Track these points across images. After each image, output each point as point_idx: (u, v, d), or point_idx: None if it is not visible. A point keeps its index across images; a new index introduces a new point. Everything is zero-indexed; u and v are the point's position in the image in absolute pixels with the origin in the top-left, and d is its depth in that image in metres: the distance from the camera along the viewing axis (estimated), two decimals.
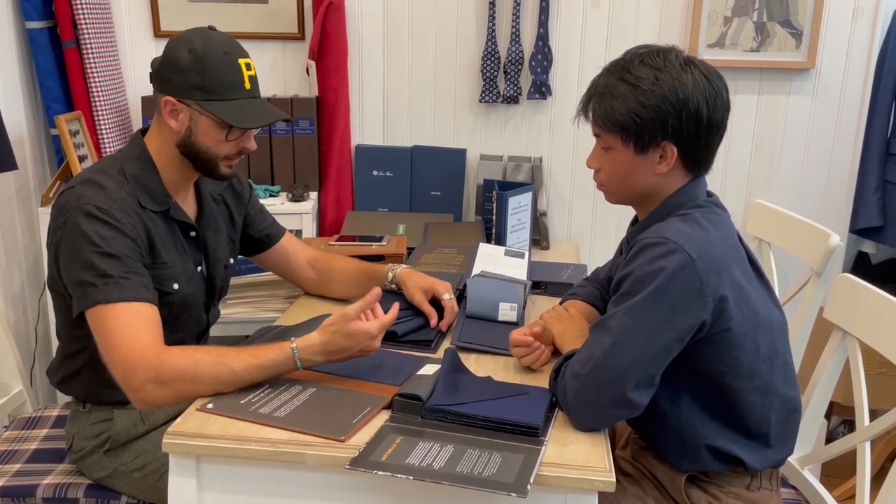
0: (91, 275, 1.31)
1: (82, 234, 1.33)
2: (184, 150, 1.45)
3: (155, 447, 1.46)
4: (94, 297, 1.31)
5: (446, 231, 2.29)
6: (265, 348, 1.32)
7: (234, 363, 1.29)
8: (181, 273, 1.49)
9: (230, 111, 1.41)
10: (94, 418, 1.51)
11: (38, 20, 2.26)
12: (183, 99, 1.41)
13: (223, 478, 1.21)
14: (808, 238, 1.73)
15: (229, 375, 1.28)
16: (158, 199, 1.46)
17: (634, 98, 1.22)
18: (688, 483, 1.31)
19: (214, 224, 1.62)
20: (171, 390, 1.28)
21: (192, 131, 1.42)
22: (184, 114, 1.42)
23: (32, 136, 2.37)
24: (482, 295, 1.64)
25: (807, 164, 2.48)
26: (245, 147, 1.48)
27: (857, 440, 1.40)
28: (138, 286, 1.34)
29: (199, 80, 1.39)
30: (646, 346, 1.18)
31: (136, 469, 1.48)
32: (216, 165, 1.47)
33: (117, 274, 1.32)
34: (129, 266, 1.34)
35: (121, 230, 1.35)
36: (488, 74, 2.42)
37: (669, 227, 1.21)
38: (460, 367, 1.39)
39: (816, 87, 2.42)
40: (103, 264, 1.32)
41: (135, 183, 1.43)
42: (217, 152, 1.45)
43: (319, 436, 1.18)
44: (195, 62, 1.39)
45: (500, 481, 1.07)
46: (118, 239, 1.34)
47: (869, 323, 1.41)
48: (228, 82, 1.41)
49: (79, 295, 1.33)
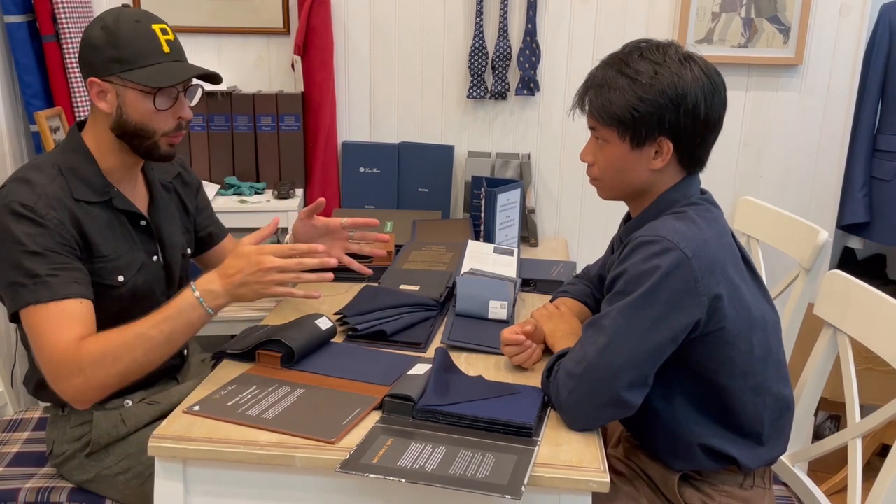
0: (20, 275, 1.29)
1: (8, 233, 1.30)
2: (119, 132, 1.41)
3: (138, 450, 1.44)
4: (24, 297, 1.29)
5: (434, 228, 2.27)
6: (169, 310, 1.32)
7: (142, 326, 1.29)
8: (127, 264, 1.45)
9: (149, 75, 1.37)
10: (74, 421, 1.48)
11: (16, 14, 2.21)
12: (105, 77, 1.38)
13: (211, 481, 1.19)
14: (797, 234, 1.73)
15: (140, 339, 1.28)
16: (97, 190, 1.42)
17: (633, 92, 1.21)
18: (681, 482, 1.31)
19: (167, 212, 1.58)
20: (97, 378, 1.27)
21: (122, 110, 1.39)
22: (111, 93, 1.38)
23: (11, 132, 2.32)
24: (472, 293, 1.63)
25: (794, 160, 2.49)
26: (182, 117, 1.44)
27: (849, 437, 1.40)
28: (68, 282, 1.31)
29: (114, 53, 1.36)
30: (640, 345, 1.17)
31: (119, 473, 1.45)
32: (155, 143, 1.43)
33: (44, 272, 1.29)
34: (56, 262, 1.31)
35: (45, 226, 1.31)
36: (476, 70, 2.40)
37: (664, 225, 1.20)
38: (451, 367, 1.38)
39: (804, 83, 2.42)
40: (30, 263, 1.29)
41: (71, 175, 1.39)
42: (152, 127, 1.40)
43: (309, 438, 1.16)
44: (108, 36, 1.36)
45: (493, 483, 1.05)
46: (43, 235, 1.31)
47: (859, 319, 1.41)
48: (145, 49, 1.38)
49: (9, 297, 1.31)
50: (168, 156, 1.47)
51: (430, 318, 1.64)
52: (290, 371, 1.37)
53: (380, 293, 1.70)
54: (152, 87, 1.37)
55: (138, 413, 1.49)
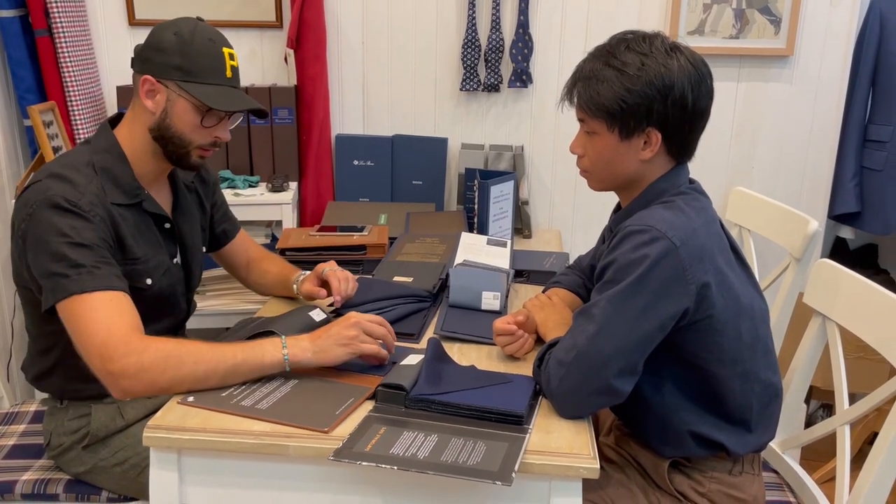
0: (63, 266, 1.28)
1: (51, 225, 1.30)
2: (157, 134, 1.42)
3: (135, 442, 1.45)
4: (67, 287, 1.27)
5: (428, 220, 2.28)
6: (251, 345, 1.29)
7: (217, 359, 1.26)
8: (154, 267, 1.46)
9: (209, 94, 1.39)
10: (72, 414, 1.48)
11: (8, 8, 2.21)
12: (162, 79, 1.39)
13: (205, 471, 1.20)
14: (788, 224, 1.74)
15: (209, 370, 1.25)
16: (129, 192, 1.43)
17: (620, 83, 1.21)
18: (671, 469, 1.32)
19: (189, 213, 1.59)
20: (151, 379, 1.24)
21: (168, 113, 1.40)
22: (161, 94, 1.40)
23: (5, 126, 2.32)
24: (465, 284, 1.64)
25: (786, 151, 2.50)
26: (219, 137, 1.46)
27: (837, 423, 1.41)
28: (111, 275, 1.31)
29: (180, 62, 1.38)
30: (629, 333, 1.18)
31: (115, 464, 1.46)
32: (188, 153, 1.44)
33: (89, 263, 1.28)
34: (100, 255, 1.31)
35: (90, 220, 1.32)
36: (469, 62, 2.41)
37: (652, 215, 1.21)
38: (444, 357, 1.39)
39: (795, 73, 2.43)
40: (74, 254, 1.28)
41: (104, 176, 1.40)
42: (191, 139, 1.43)
43: (302, 427, 1.17)
44: (179, 44, 1.38)
45: (484, 470, 1.07)
46: (88, 228, 1.31)
47: (848, 308, 1.42)
48: (210, 67, 1.40)
49: (51, 287, 1.29)
50: (196, 166, 1.48)
51: (423, 309, 1.65)
52: None
53: (374, 284, 1.71)
54: (205, 105, 1.39)
55: (136, 406, 1.49)
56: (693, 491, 1.31)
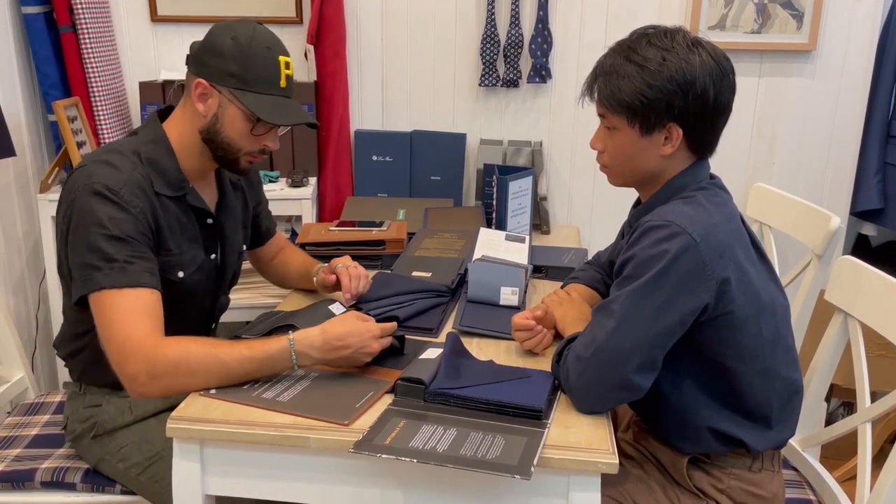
0: (96, 258, 1.29)
1: (91, 213, 1.30)
2: (206, 137, 1.42)
3: (140, 440, 1.45)
4: (97, 281, 1.28)
5: (446, 216, 2.28)
6: (260, 341, 1.31)
7: (227, 356, 1.27)
8: (188, 261, 1.46)
9: (261, 105, 1.39)
10: (88, 401, 1.50)
11: (34, 5, 2.24)
12: (216, 84, 1.39)
13: (227, 462, 1.21)
14: (809, 221, 1.73)
15: (221, 368, 1.27)
16: (174, 184, 1.43)
17: (641, 78, 1.21)
18: (690, 465, 1.32)
19: (233, 212, 1.59)
20: (164, 383, 1.26)
21: (219, 119, 1.40)
22: (213, 99, 1.40)
23: (30, 122, 2.36)
24: (483, 279, 1.64)
25: (807, 147, 2.48)
26: (267, 145, 1.46)
27: (858, 421, 1.40)
28: (142, 271, 1.31)
29: (236, 69, 1.37)
30: (648, 329, 1.18)
31: (119, 460, 1.47)
32: (236, 160, 1.45)
33: (122, 258, 1.29)
34: (135, 250, 1.32)
35: (129, 212, 1.32)
36: (488, 58, 2.41)
37: (672, 210, 1.21)
38: (462, 352, 1.40)
39: (817, 68, 2.41)
40: (109, 247, 1.29)
41: (150, 166, 1.40)
42: (240, 146, 1.43)
43: (323, 420, 1.19)
44: (237, 50, 1.37)
45: (503, 464, 1.07)
46: (125, 221, 1.31)
47: (870, 305, 1.41)
48: (265, 77, 1.39)
49: (82, 278, 1.30)
50: (245, 171, 1.49)
51: (441, 304, 1.66)
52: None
53: (392, 280, 1.72)
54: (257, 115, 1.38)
55: (146, 403, 1.49)
56: (712, 487, 1.30)
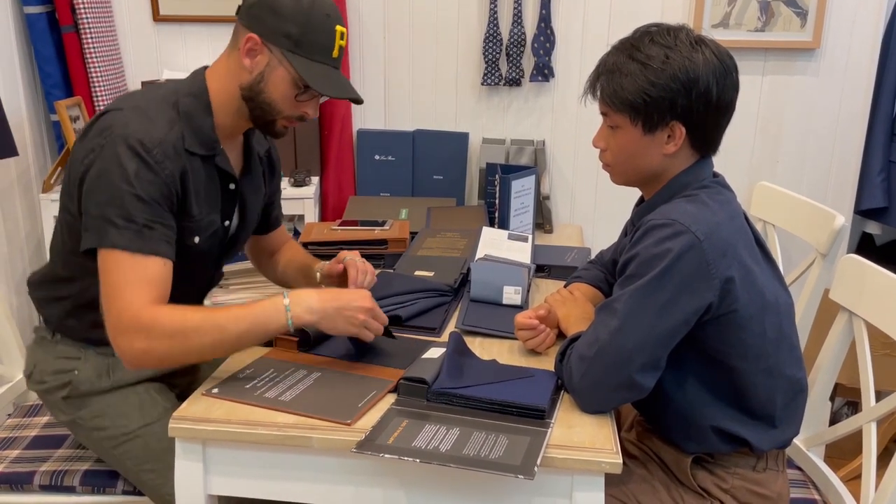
0: (115, 213, 1.24)
1: (119, 166, 1.25)
2: (247, 94, 1.37)
3: (117, 412, 1.41)
4: (111, 238, 1.24)
5: (449, 215, 2.28)
6: (255, 312, 1.28)
7: (220, 315, 1.25)
8: (206, 226, 1.40)
9: (312, 72, 1.34)
10: (61, 352, 1.44)
11: (36, 5, 2.24)
12: (269, 42, 1.33)
13: (229, 462, 1.21)
14: (813, 219, 1.72)
15: (214, 328, 1.24)
16: (206, 144, 1.37)
17: (644, 76, 1.20)
18: (694, 464, 1.31)
19: (256, 182, 1.54)
20: (160, 349, 1.23)
21: (264, 78, 1.35)
22: (262, 57, 1.34)
23: (32, 122, 2.36)
24: (486, 278, 1.64)
25: (811, 145, 2.47)
26: (307, 113, 1.40)
27: (863, 421, 1.40)
28: (160, 239, 1.27)
29: (293, 30, 1.32)
30: (651, 328, 1.17)
31: (94, 428, 1.41)
32: (274, 122, 1.39)
33: (142, 220, 1.25)
34: (157, 214, 1.27)
35: (158, 174, 1.27)
36: (490, 57, 2.40)
37: (675, 209, 1.20)
38: (465, 351, 1.39)
39: (821, 66, 2.40)
40: (131, 206, 1.24)
41: (186, 121, 1.34)
42: (280, 108, 1.37)
43: (326, 419, 1.18)
44: (297, 12, 1.32)
45: (506, 463, 1.07)
46: (153, 182, 1.26)
47: (875, 303, 1.40)
48: (321, 44, 1.34)
49: (96, 229, 1.25)
50: (279, 134, 1.43)
51: (444, 303, 1.66)
52: (307, 355, 1.39)
53: (395, 279, 1.72)
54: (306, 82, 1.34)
55: (123, 369, 1.42)
56: (716, 487, 1.30)
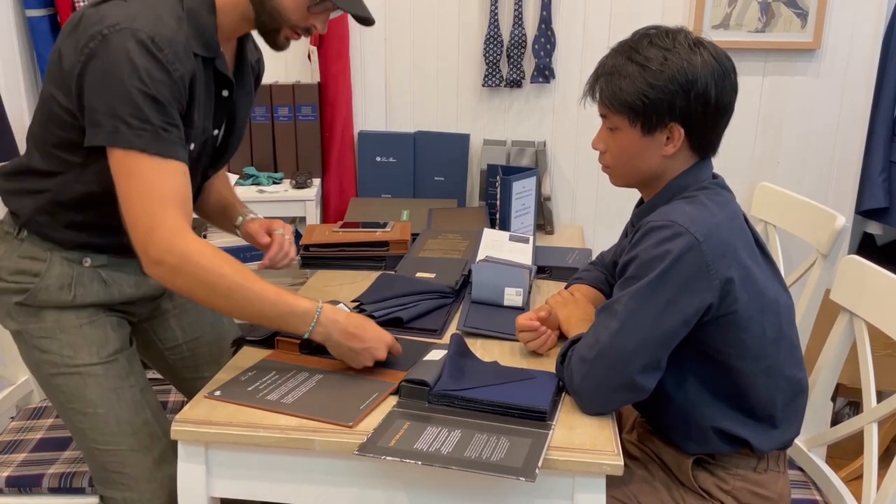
0: (128, 112, 1.17)
1: (129, 61, 1.17)
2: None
3: (66, 340, 1.35)
4: (127, 138, 1.17)
5: (450, 216, 2.29)
6: (291, 295, 1.27)
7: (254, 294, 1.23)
8: (201, 132, 1.35)
9: None
10: (26, 251, 1.36)
11: (38, 8, 2.25)
12: None
13: (231, 464, 1.21)
14: (814, 220, 1.72)
15: (244, 301, 1.23)
16: (209, 46, 1.30)
17: (643, 78, 1.21)
18: (694, 465, 1.32)
19: (246, 89, 1.48)
20: (181, 283, 1.21)
21: None
22: None
23: None
24: (487, 280, 1.64)
25: (812, 146, 2.47)
26: (315, 26, 1.35)
27: (865, 421, 1.40)
28: (176, 143, 1.22)
29: None
30: (652, 329, 1.18)
31: (37, 348, 1.36)
32: (278, 31, 1.34)
33: (158, 122, 1.19)
34: (170, 117, 1.21)
35: (171, 74, 1.20)
36: (491, 58, 2.40)
37: (675, 210, 1.21)
38: (467, 353, 1.40)
39: (822, 67, 2.40)
40: (146, 106, 1.18)
41: (190, 19, 1.27)
42: (289, 17, 1.32)
43: (327, 422, 1.19)
44: None
45: (508, 466, 1.07)
46: (165, 83, 1.20)
47: (876, 304, 1.41)
48: None
49: (111, 128, 1.18)
50: (280, 46, 1.37)
51: (445, 305, 1.66)
52: (309, 357, 1.40)
53: (396, 281, 1.72)
54: None
55: (87, 285, 1.37)
56: (717, 488, 1.30)
